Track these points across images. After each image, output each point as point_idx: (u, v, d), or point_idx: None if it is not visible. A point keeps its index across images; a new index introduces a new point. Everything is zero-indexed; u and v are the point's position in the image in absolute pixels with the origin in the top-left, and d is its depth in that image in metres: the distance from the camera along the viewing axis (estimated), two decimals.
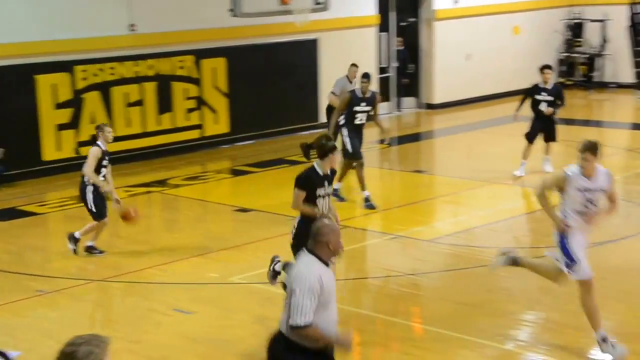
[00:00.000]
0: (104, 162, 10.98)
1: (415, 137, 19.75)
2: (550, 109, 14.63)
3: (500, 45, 23.48)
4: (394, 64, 22.01)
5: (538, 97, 14.66)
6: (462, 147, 18.42)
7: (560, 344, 8.17)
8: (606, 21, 24.10)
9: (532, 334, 8.64)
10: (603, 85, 24.34)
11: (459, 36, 22.47)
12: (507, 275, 9.63)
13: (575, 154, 7.78)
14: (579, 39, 24.74)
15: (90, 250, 11.19)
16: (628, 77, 23.75)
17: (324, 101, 20.02)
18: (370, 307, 9.23)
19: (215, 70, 18.28)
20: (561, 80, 24.79)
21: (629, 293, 9.46)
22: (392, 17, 21.88)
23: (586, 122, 20.33)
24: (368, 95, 13.08)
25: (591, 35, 24.58)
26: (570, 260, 7.76)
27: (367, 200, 13.03)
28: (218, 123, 18.44)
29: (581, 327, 8.49)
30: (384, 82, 21.68)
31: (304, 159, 9.43)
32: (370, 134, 14.85)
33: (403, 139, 19.50)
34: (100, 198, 11.04)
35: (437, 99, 22.57)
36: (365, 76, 13.15)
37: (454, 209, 13.54)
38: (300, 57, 19.67)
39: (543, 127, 14.75)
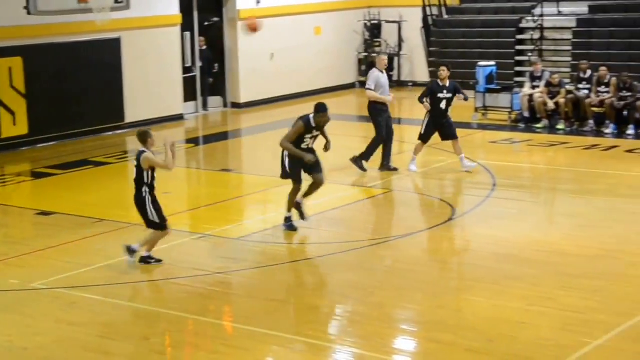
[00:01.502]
0: None
1: (222, 137, 19.76)
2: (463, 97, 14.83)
3: (302, 45, 23.90)
4: (199, 64, 21.92)
5: (440, 95, 14.75)
6: (269, 145, 18.54)
7: (365, 334, 8.42)
8: (402, 22, 25.01)
9: (339, 327, 8.85)
10: (401, 84, 25.23)
11: (263, 36, 22.67)
12: (315, 270, 9.84)
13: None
14: (377, 40, 25.53)
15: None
16: (423, 76, 24.74)
17: (129, 101, 19.74)
18: (179, 307, 9.16)
19: (11, 70, 17.56)
20: (362, 79, 25.55)
21: (428, 283, 9.87)
22: (196, 16, 21.78)
23: None
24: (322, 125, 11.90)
25: (389, 36, 25.43)
26: None
27: (288, 220, 11.93)
28: (16, 125, 17.72)
29: (385, 318, 8.82)
30: (189, 82, 21.54)
31: (110, 160, 9.26)
32: (175, 134, 14.70)
33: (209, 139, 19.47)
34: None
35: (243, 98, 22.68)
36: (322, 109, 11.65)
37: (262, 207, 13.66)
38: (103, 57, 19.22)
39: (440, 126, 14.92)
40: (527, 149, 17.28)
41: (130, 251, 10.28)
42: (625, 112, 18.34)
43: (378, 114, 15.32)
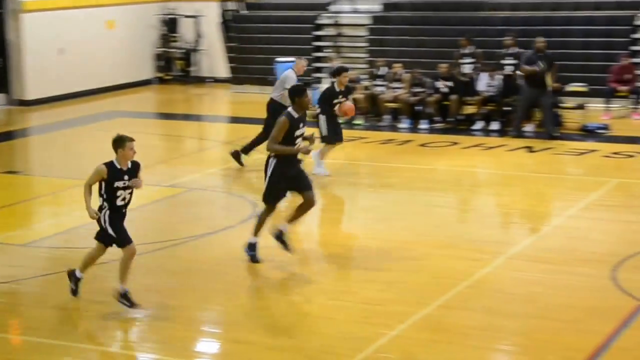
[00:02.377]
0: None
1: (7, 136, 18.65)
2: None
3: (94, 39, 22.99)
4: None
5: (336, 100, 13.78)
6: (60, 145, 17.74)
7: (165, 339, 8.09)
8: (199, 17, 24.64)
9: (138, 333, 8.47)
10: (200, 80, 24.86)
11: (50, 29, 21.65)
12: (112, 275, 9.34)
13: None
14: (174, 34, 25.03)
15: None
16: (223, 71, 24.51)
17: None
18: None
19: None
20: (160, 75, 24.98)
21: (230, 283, 9.64)
22: None
23: (187, 117, 20.60)
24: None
25: (186, 31, 24.99)
26: None
27: (251, 247, 10.46)
28: None
29: (185, 321, 8.51)
30: None
31: None
32: None
33: None
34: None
35: (30, 95, 21.56)
36: (299, 93, 10.36)
37: (53, 210, 12.95)
38: None
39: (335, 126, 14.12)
40: None
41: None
42: (418, 108, 18.85)
43: (277, 115, 14.96)
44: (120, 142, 8.51)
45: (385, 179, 14.44)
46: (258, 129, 14.86)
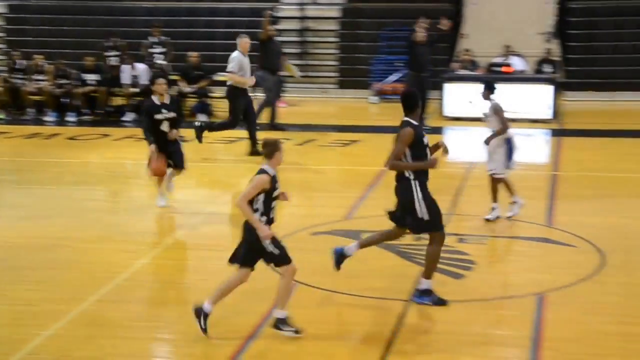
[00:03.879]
0: None
1: None
2: (175, 132, 11.45)
3: None
4: None
5: (158, 116, 11.30)
6: None
7: None
8: None
9: None
10: None
11: None
12: None
13: None
14: None
15: None
16: None
17: None
18: None
19: None
20: None
21: None
22: None
23: None
24: None
25: None
26: None
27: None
28: None
29: None
30: None
31: None
32: None
33: None
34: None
35: None
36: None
37: None
38: None
39: (167, 153, 11.50)
40: None
41: None
42: (64, 100, 18.19)
43: (236, 98, 14.67)
44: (276, 146, 7.34)
45: (32, 174, 13.74)
46: None
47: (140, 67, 18.44)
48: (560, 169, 13.46)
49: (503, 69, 19.26)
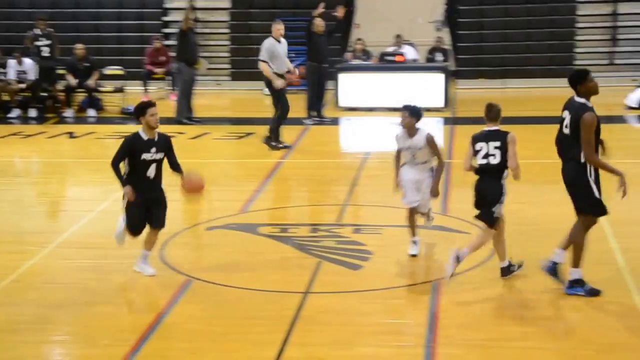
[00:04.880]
0: None
1: None
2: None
3: None
4: None
5: (146, 156, 8.50)
6: None
7: None
8: None
9: None
10: None
11: None
12: None
13: None
14: None
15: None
16: None
17: None
18: None
19: None
20: None
21: None
22: None
23: None
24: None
25: None
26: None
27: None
28: None
29: None
30: None
31: None
32: None
33: None
34: None
35: None
36: None
37: None
38: None
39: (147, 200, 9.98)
40: None
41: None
42: None
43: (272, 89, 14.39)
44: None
45: None
46: None
47: (27, 62, 17.88)
48: (454, 157, 13.63)
49: (396, 58, 19.41)
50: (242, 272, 8.49)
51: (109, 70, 19.46)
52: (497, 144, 8.12)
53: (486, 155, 8.15)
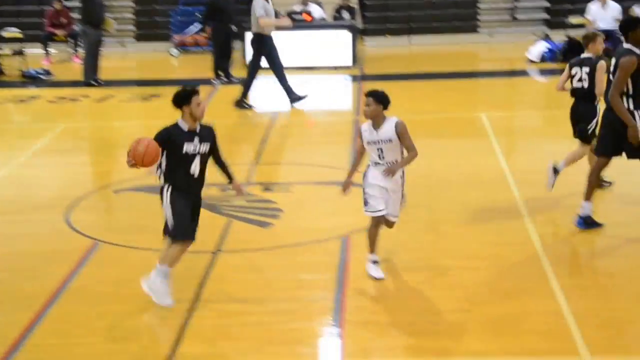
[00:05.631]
0: None
1: None
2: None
3: None
4: None
5: (189, 149, 7.60)
6: None
7: None
8: None
9: None
10: None
11: None
12: None
13: None
14: None
15: None
16: None
17: None
18: None
19: None
20: None
21: None
22: None
23: None
24: None
25: None
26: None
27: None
28: None
29: None
30: None
31: None
32: None
33: None
34: None
35: None
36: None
37: None
38: None
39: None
40: None
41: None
42: None
43: (263, 46, 14.55)
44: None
45: None
46: None
47: None
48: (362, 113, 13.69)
49: (303, 16, 19.28)
50: (149, 234, 8.36)
51: (7, 33, 18.86)
52: (587, 69, 8.98)
53: (580, 79, 9.03)
